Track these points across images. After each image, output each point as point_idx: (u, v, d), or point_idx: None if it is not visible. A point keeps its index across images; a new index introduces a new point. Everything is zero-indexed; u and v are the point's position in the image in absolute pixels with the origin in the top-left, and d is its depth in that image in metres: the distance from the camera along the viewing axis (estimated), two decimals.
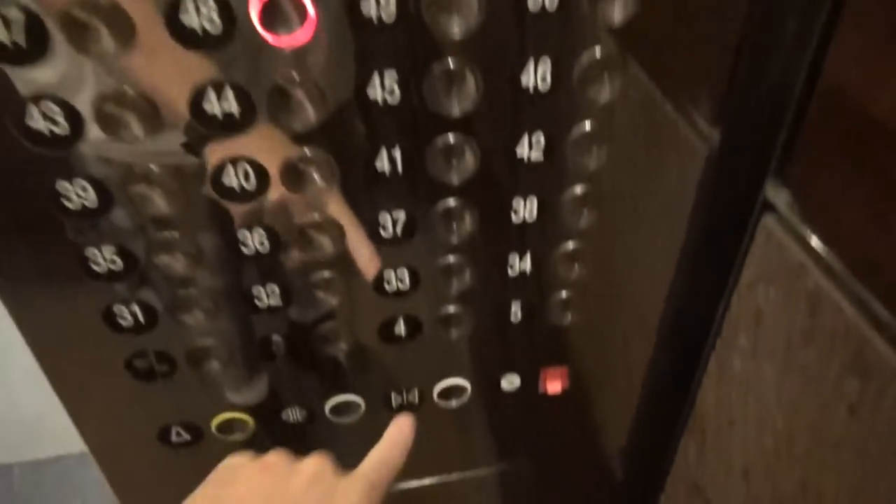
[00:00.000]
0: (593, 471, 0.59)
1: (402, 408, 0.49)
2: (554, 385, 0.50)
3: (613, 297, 0.47)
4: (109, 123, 0.31)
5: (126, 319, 0.39)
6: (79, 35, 0.28)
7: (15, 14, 0.28)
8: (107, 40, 0.29)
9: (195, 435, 0.47)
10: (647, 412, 0.51)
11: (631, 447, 0.55)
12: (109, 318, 0.39)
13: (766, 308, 0.39)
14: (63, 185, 0.33)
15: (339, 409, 0.48)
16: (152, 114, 0.31)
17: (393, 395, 0.49)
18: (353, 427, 0.49)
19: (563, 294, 0.44)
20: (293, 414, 0.48)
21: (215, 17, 0.29)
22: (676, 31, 0.34)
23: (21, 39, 0.28)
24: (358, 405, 0.49)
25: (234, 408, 0.47)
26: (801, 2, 0.33)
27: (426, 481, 0.58)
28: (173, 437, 0.47)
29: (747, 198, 0.39)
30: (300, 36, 0.31)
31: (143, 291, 0.39)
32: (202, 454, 0.48)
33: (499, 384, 0.50)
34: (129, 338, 0.40)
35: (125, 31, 0.29)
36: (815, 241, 0.35)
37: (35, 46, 0.28)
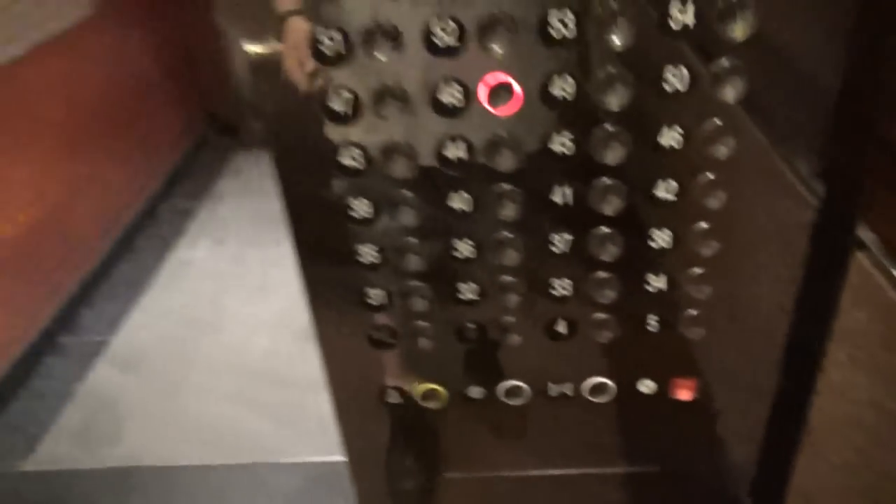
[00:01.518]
0: (717, 482, 0.68)
1: (558, 397, 0.63)
2: (684, 393, 0.62)
3: (737, 319, 0.58)
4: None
5: (371, 300, 0.57)
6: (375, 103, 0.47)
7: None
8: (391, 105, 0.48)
9: (405, 398, 0.64)
10: (768, 426, 0.61)
11: (754, 460, 0.63)
12: (362, 298, 0.57)
13: (858, 327, 0.49)
14: (352, 201, 0.52)
15: (511, 392, 0.63)
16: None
17: (551, 385, 0.62)
18: (520, 408, 0.63)
19: (693, 312, 0.57)
20: (475, 392, 0.63)
21: (460, 97, 0.47)
22: (781, 103, 0.47)
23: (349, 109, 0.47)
24: (525, 390, 0.63)
25: (435, 381, 0.63)
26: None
27: (564, 471, 0.70)
28: (389, 398, 0.64)
29: (843, 237, 0.49)
30: (510, 108, 0.47)
31: (386, 280, 0.57)
32: (408, 417, 0.64)
33: (637, 387, 0.62)
34: (370, 315, 0.58)
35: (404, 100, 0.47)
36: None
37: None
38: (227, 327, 2.11)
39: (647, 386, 0.62)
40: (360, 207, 0.53)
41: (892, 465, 0.46)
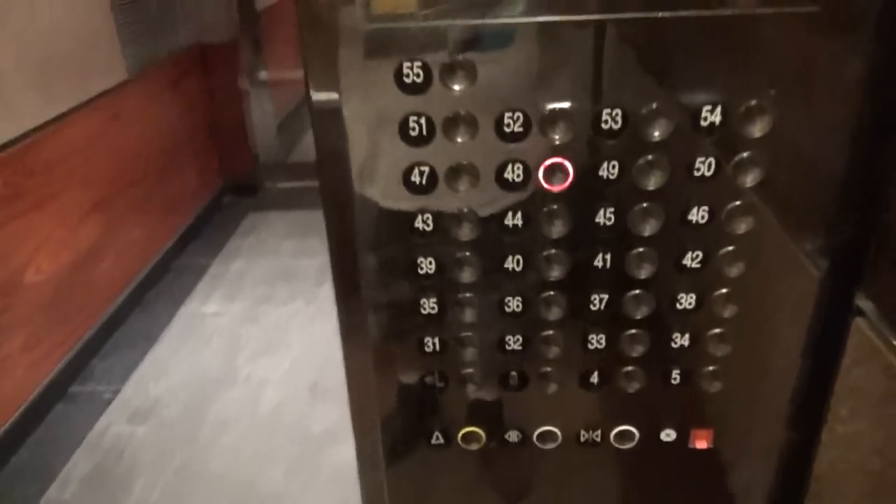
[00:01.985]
0: None
1: (587, 443, 0.69)
2: (701, 442, 0.68)
3: (751, 375, 0.65)
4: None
5: (428, 347, 0.65)
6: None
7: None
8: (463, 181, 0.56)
9: (447, 440, 0.70)
10: (777, 475, 0.67)
11: None
12: (420, 346, 0.65)
13: (859, 384, 0.57)
14: (420, 259, 0.60)
15: (544, 437, 0.69)
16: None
17: (581, 431, 0.69)
18: (551, 452, 0.70)
19: (712, 367, 0.64)
20: (512, 435, 0.70)
21: (521, 174, 0.56)
22: (791, 190, 0.56)
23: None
24: (557, 435, 0.69)
25: (475, 423, 0.69)
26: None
27: None
28: (433, 440, 0.70)
29: (844, 305, 0.58)
30: (563, 184, 0.56)
31: (440, 329, 0.64)
32: (450, 458, 0.71)
33: (659, 435, 0.69)
34: (427, 360, 0.65)
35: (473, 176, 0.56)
36: (891, 334, 0.53)
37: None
38: (239, 382, 2.16)
39: (667, 434, 0.68)
40: (426, 265, 0.61)
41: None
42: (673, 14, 0.50)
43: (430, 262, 0.61)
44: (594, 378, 0.66)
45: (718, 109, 0.52)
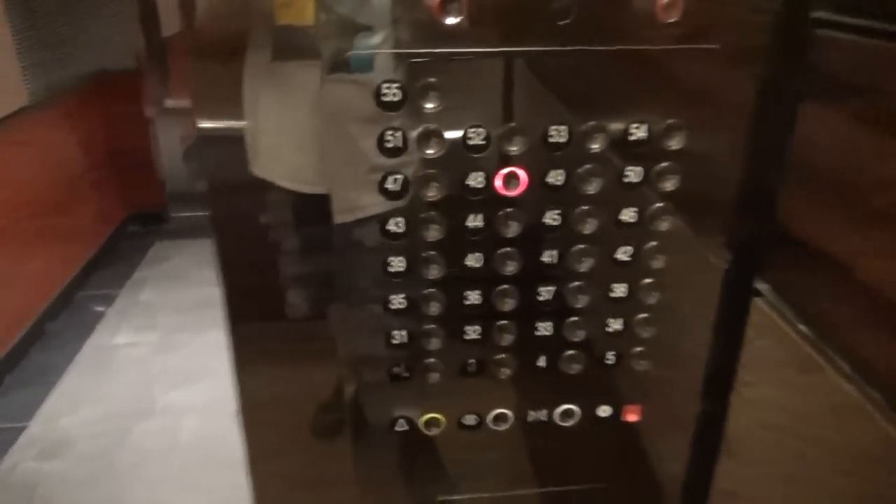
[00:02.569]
0: (655, 494, 0.84)
1: (535, 422, 0.78)
2: (632, 416, 0.79)
3: (673, 353, 0.76)
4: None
5: (396, 341, 0.72)
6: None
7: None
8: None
9: (411, 427, 0.77)
10: (695, 440, 0.79)
11: (684, 470, 0.81)
12: (388, 341, 0.71)
13: (760, 353, 0.69)
14: (392, 259, 0.67)
15: (498, 418, 0.78)
16: None
17: (530, 412, 0.78)
18: (503, 433, 0.78)
19: (641, 348, 0.75)
20: (469, 419, 0.77)
21: (482, 183, 0.64)
22: (702, 193, 0.68)
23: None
24: (509, 416, 0.78)
25: (436, 410, 0.77)
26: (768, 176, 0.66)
27: (528, 491, 0.84)
28: (397, 426, 0.77)
29: (745, 287, 0.70)
30: (518, 190, 0.66)
31: (408, 324, 0.71)
32: (412, 442, 0.77)
33: (597, 412, 0.78)
34: (395, 352, 0.72)
35: (441, 182, 0.64)
36: (785, 311, 0.66)
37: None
38: (156, 413, 2.11)
39: (604, 410, 0.78)
40: (396, 264, 0.68)
41: (794, 447, 0.65)
42: (608, 48, 0.61)
43: (402, 262, 0.68)
44: (542, 362, 0.75)
45: (644, 126, 0.64)
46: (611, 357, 0.75)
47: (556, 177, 0.65)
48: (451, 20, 0.59)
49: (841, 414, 0.58)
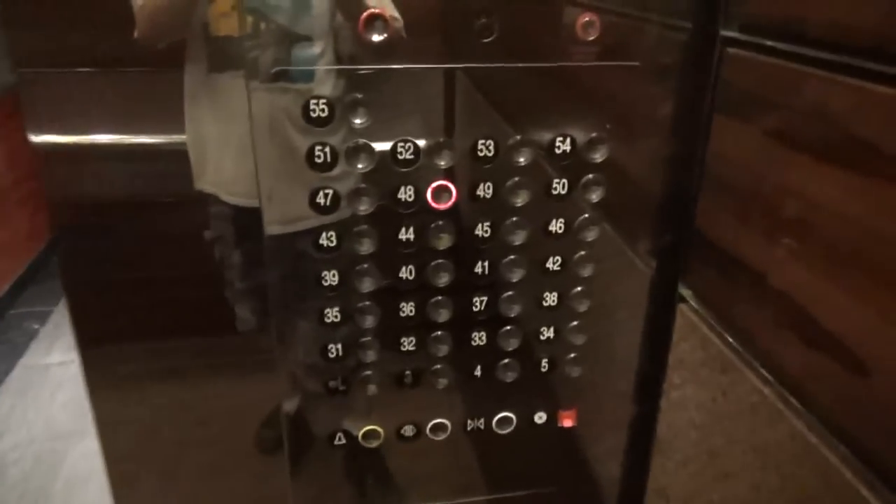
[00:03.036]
0: (594, 496, 0.86)
1: (474, 431, 0.79)
2: (568, 422, 0.81)
3: (604, 359, 0.78)
4: None
5: (332, 354, 0.72)
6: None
7: None
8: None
9: (349, 439, 0.77)
10: (629, 442, 0.81)
11: (620, 472, 0.83)
12: (324, 354, 0.72)
13: (685, 356, 0.72)
14: (325, 273, 0.68)
15: (436, 428, 0.78)
16: None
17: (468, 421, 0.79)
18: (443, 442, 0.79)
19: (573, 354, 0.77)
20: (408, 430, 0.78)
21: (412, 196, 0.65)
22: (626, 204, 0.71)
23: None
24: (447, 426, 0.79)
25: (374, 422, 0.77)
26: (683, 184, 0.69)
27: (474, 499, 0.85)
28: (336, 441, 0.77)
29: (670, 293, 0.72)
30: (448, 203, 0.67)
31: (344, 337, 0.72)
32: (351, 455, 0.77)
33: (533, 418, 0.80)
34: (332, 366, 0.72)
35: (371, 196, 0.65)
36: (706, 315, 0.69)
37: None
38: (92, 434, 2.04)
39: (540, 417, 0.80)
40: (330, 278, 0.68)
41: (717, 445, 0.67)
42: (530, 65, 0.63)
43: (336, 276, 0.68)
44: (478, 371, 0.76)
45: (568, 140, 0.66)
46: (545, 364, 0.77)
47: (485, 189, 0.67)
48: (376, 37, 0.60)
49: (758, 412, 0.61)
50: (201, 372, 0.79)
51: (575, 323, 0.75)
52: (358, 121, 0.62)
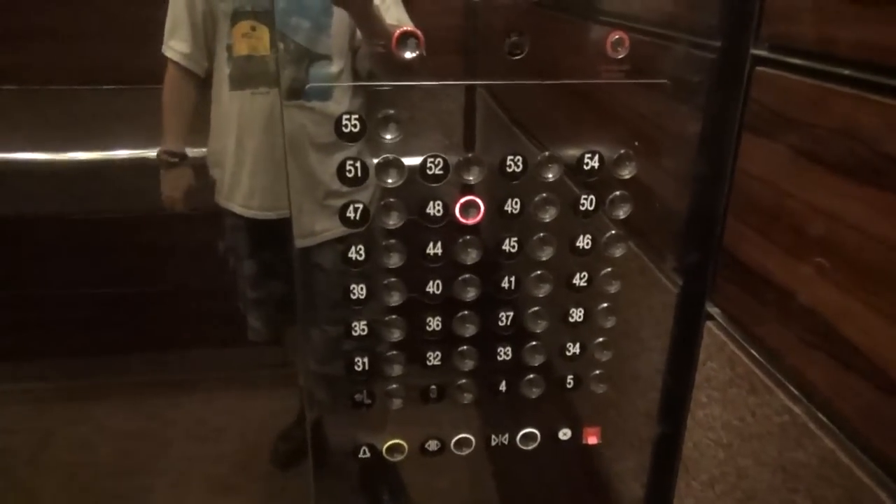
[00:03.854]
0: None
1: (498, 446, 0.79)
2: (592, 439, 0.80)
3: (629, 376, 0.78)
4: None
5: (358, 367, 0.72)
6: None
7: None
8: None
9: (374, 454, 0.77)
10: (653, 460, 0.80)
11: (643, 491, 0.82)
12: (350, 366, 0.72)
13: (712, 375, 0.71)
14: (353, 286, 0.68)
15: (460, 443, 0.78)
16: None
17: (492, 436, 0.79)
18: (466, 457, 0.79)
19: (598, 371, 0.76)
20: (432, 444, 0.78)
21: (441, 211, 0.66)
22: (652, 221, 0.71)
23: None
24: (472, 441, 0.79)
25: (398, 436, 0.77)
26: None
27: None
28: (361, 454, 0.77)
29: (697, 311, 0.72)
30: (476, 218, 0.67)
31: (371, 350, 0.72)
32: (375, 469, 0.78)
33: (557, 434, 0.80)
34: (356, 378, 0.73)
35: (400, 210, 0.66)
36: (735, 334, 0.68)
37: None
38: None
39: (564, 433, 0.80)
40: (358, 291, 0.69)
41: (745, 465, 0.67)
42: (561, 82, 0.63)
43: (363, 290, 0.69)
44: (503, 387, 0.76)
45: (596, 157, 0.66)
46: (570, 380, 0.77)
47: (512, 205, 0.67)
48: (409, 54, 0.61)
49: (787, 432, 0.60)
50: (213, 384, 0.79)
51: (601, 339, 0.75)
52: (388, 136, 0.63)
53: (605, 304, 0.73)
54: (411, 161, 0.65)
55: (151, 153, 1.59)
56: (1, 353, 2.16)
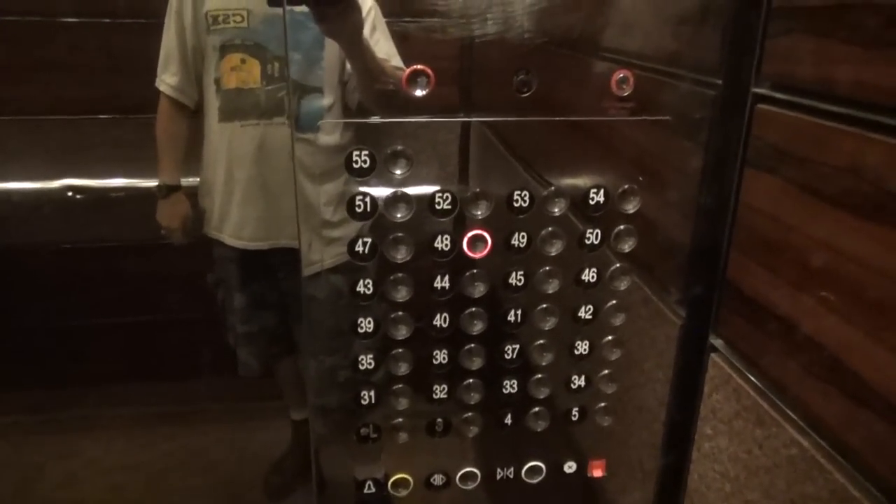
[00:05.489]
0: None
1: (503, 480, 0.79)
2: (597, 471, 0.80)
3: (633, 409, 0.78)
4: None
5: (364, 400, 0.72)
6: None
7: None
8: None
9: (378, 488, 0.77)
10: (658, 492, 0.80)
11: None
12: (356, 399, 0.72)
13: (717, 407, 0.71)
14: (360, 320, 0.68)
15: (465, 477, 0.78)
16: None
17: (498, 470, 0.78)
18: (473, 492, 0.78)
19: (603, 404, 0.77)
20: (437, 479, 0.78)
21: (449, 245, 0.67)
22: (657, 254, 0.72)
23: None
24: (477, 475, 0.78)
25: (403, 471, 0.77)
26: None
27: None
28: (366, 489, 0.76)
29: (700, 343, 0.73)
30: (483, 252, 0.68)
31: (378, 384, 0.72)
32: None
33: (563, 467, 0.80)
34: (363, 412, 0.73)
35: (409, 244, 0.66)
36: (740, 366, 0.69)
37: None
38: None
39: (570, 466, 0.80)
40: (365, 324, 0.69)
41: (753, 498, 0.67)
42: (567, 119, 0.64)
43: (370, 323, 0.69)
44: (508, 420, 0.76)
45: (602, 191, 0.67)
46: (575, 413, 0.77)
47: (519, 239, 0.68)
48: (419, 92, 0.62)
49: (796, 465, 0.61)
50: (208, 417, 0.78)
51: (606, 372, 0.75)
52: (398, 171, 0.64)
53: (610, 337, 0.74)
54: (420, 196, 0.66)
55: (148, 182, 1.59)
56: None
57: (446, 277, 0.68)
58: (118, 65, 1.85)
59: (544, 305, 0.71)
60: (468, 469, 0.78)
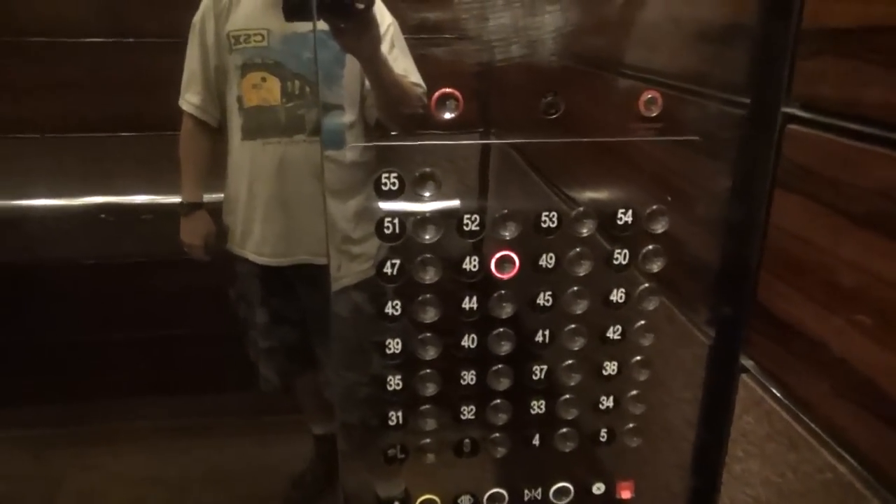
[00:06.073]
0: None
1: (531, 501, 0.78)
2: (626, 493, 0.79)
3: (663, 430, 0.78)
4: None
5: (392, 421, 0.72)
6: None
7: None
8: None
9: None
10: None
11: None
12: (383, 419, 0.72)
13: (749, 429, 0.71)
14: (388, 341, 0.69)
15: (493, 498, 0.78)
16: None
17: (525, 491, 0.78)
18: None
19: (632, 424, 0.76)
20: (465, 500, 0.77)
21: (477, 265, 0.67)
22: (685, 275, 0.71)
23: None
24: (504, 496, 0.78)
25: (429, 492, 0.76)
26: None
27: None
28: None
29: (730, 364, 0.72)
30: (511, 273, 0.68)
31: (405, 404, 0.72)
32: None
33: (591, 489, 0.79)
34: (390, 433, 0.72)
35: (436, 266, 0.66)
36: (772, 387, 0.68)
37: None
38: None
39: (598, 488, 0.79)
40: (393, 346, 0.69)
41: None
42: (595, 140, 0.64)
43: (398, 345, 0.69)
44: (536, 441, 0.76)
45: (630, 212, 0.67)
46: (603, 434, 0.76)
47: (547, 260, 0.68)
48: (448, 115, 0.62)
49: (830, 490, 0.60)
50: (229, 431, 0.78)
51: (634, 392, 0.75)
52: (426, 194, 0.64)
53: (639, 357, 0.73)
54: (429, 207, 0.66)
55: (170, 199, 1.61)
56: (9, 398, 2.15)
57: (474, 298, 0.68)
58: (140, 83, 1.87)
59: (572, 326, 0.71)
60: (495, 490, 0.78)
